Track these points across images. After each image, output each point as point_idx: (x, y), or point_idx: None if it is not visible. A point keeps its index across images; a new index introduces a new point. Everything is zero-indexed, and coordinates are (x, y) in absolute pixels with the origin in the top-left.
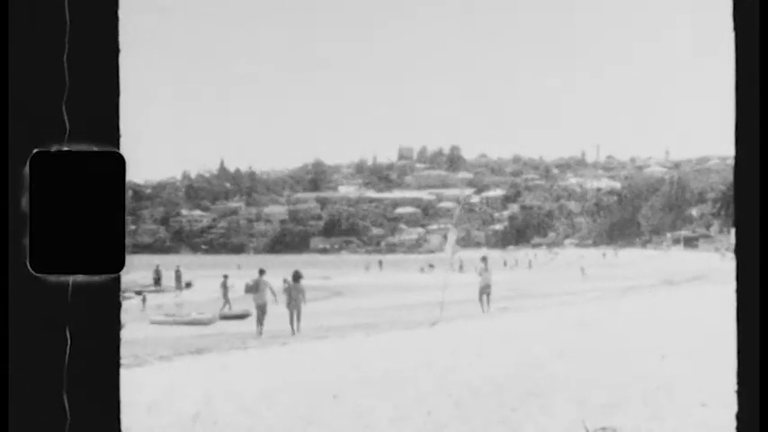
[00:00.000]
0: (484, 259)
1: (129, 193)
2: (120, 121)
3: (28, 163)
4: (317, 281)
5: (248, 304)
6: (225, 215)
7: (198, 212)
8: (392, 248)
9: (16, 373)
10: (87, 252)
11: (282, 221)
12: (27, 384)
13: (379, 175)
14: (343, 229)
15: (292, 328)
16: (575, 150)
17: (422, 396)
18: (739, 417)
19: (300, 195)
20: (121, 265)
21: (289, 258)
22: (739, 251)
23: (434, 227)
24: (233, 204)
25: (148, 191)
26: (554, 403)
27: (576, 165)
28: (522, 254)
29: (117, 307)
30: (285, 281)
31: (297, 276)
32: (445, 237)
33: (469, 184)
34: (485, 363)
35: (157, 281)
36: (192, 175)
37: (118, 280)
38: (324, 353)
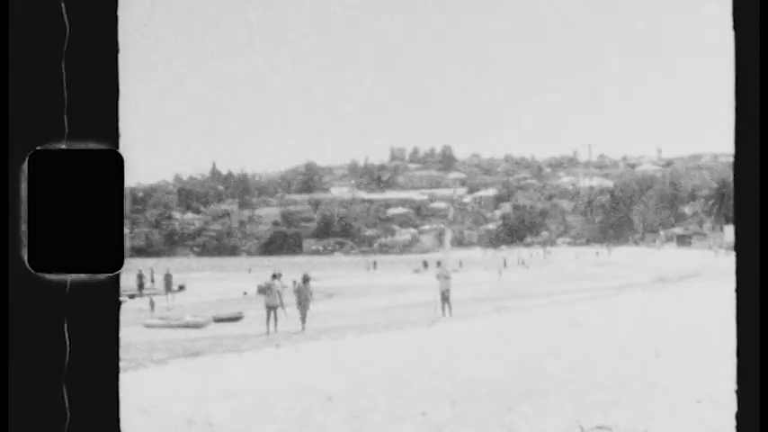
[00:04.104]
0: (440, 263)
1: None
2: (119, 120)
3: (27, 161)
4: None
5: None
6: (217, 218)
7: (190, 215)
8: (385, 249)
9: (16, 372)
10: (86, 251)
11: (275, 223)
12: (27, 383)
13: (371, 176)
14: (336, 231)
15: (303, 325)
16: (567, 149)
17: (417, 396)
18: (739, 416)
19: (293, 197)
20: (120, 264)
21: (282, 260)
22: (739, 250)
23: (427, 227)
24: (225, 207)
25: (140, 194)
26: (549, 402)
27: (568, 164)
28: (515, 253)
29: (116, 306)
30: (295, 282)
31: (306, 278)
32: (438, 237)
33: (462, 183)
34: (482, 362)
35: (141, 286)
36: (184, 178)
37: (117, 279)
38: (318, 354)
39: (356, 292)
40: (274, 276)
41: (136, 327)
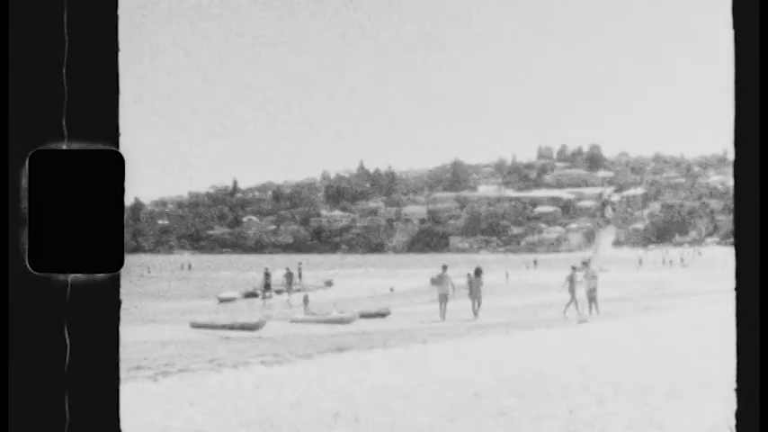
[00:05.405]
0: (586, 263)
1: (268, 194)
2: (119, 119)
3: (27, 162)
4: (462, 279)
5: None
6: (364, 215)
7: (338, 212)
8: (532, 248)
9: (16, 372)
10: (86, 251)
11: (422, 221)
12: (27, 383)
13: (518, 175)
14: (483, 229)
15: (474, 313)
16: (717, 148)
17: (563, 394)
18: (738, 414)
19: (439, 195)
20: (120, 263)
21: (429, 257)
22: (739, 250)
23: (574, 226)
24: (372, 204)
25: (288, 191)
26: (695, 402)
27: (718, 163)
28: (664, 252)
29: (116, 305)
30: (468, 275)
31: (478, 271)
32: (586, 235)
33: (609, 182)
34: (628, 361)
35: (267, 285)
36: (332, 175)
37: (117, 278)
38: (466, 351)
39: (510, 288)
40: (445, 268)
41: (275, 322)
